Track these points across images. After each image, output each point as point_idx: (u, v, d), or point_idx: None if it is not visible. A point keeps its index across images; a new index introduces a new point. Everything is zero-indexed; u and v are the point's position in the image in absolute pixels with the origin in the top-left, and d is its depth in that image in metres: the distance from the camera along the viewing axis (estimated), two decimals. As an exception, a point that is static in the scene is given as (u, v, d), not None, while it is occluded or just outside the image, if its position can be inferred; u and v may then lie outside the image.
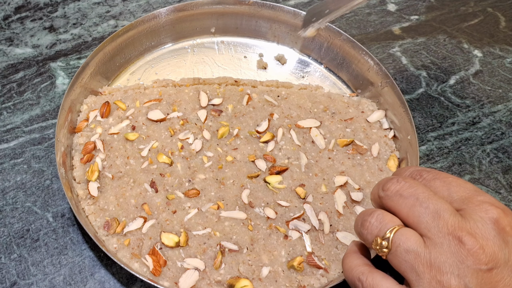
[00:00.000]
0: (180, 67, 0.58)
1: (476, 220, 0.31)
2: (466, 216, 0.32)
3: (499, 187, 0.51)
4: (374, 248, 0.33)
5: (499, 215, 0.32)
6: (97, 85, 0.53)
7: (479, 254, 0.30)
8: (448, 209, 0.32)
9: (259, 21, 0.59)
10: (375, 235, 0.33)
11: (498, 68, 0.60)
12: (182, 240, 0.43)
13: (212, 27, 0.59)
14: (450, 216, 0.32)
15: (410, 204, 0.33)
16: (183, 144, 0.49)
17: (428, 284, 0.30)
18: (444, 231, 0.31)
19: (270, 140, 0.49)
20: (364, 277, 0.33)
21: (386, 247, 0.32)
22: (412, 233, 0.32)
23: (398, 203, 0.33)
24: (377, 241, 0.33)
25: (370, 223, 0.34)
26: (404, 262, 0.31)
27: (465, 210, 0.32)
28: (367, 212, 0.35)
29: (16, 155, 0.51)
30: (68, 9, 0.64)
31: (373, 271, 0.34)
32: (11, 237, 0.46)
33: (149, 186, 0.46)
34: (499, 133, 0.54)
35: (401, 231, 0.32)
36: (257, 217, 0.45)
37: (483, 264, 0.30)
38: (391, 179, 0.35)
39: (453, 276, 0.30)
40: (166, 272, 0.41)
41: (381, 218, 0.34)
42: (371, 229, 0.34)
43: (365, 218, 0.35)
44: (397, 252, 0.32)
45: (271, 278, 0.42)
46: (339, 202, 0.46)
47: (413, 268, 0.31)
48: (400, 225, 0.33)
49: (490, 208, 0.32)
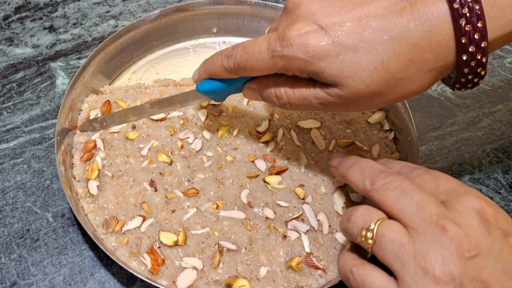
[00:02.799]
0: (182, 67, 0.58)
1: (459, 210, 0.32)
2: (450, 207, 0.33)
3: (499, 187, 0.51)
4: (360, 241, 0.34)
5: (482, 206, 0.32)
6: (98, 84, 0.54)
7: (462, 241, 0.31)
8: (432, 201, 0.33)
9: (261, 21, 0.59)
10: (360, 227, 0.34)
11: (498, 68, 0.60)
12: (180, 239, 0.43)
13: (213, 27, 0.59)
14: (434, 206, 0.32)
15: (396, 196, 0.34)
16: (183, 143, 0.49)
17: (413, 272, 0.31)
18: (427, 221, 0.32)
19: (270, 141, 0.49)
20: (355, 269, 0.34)
21: (371, 238, 0.33)
22: (397, 224, 0.33)
23: (384, 195, 0.34)
24: (362, 233, 0.34)
25: (356, 217, 0.35)
26: (389, 252, 0.32)
27: (449, 201, 0.33)
28: (352, 208, 0.36)
29: (16, 155, 0.51)
30: (68, 9, 0.64)
31: (364, 263, 0.34)
32: (11, 237, 0.46)
33: (148, 185, 0.46)
34: (499, 133, 0.54)
35: (386, 222, 0.33)
36: (256, 217, 0.45)
37: (466, 251, 0.31)
38: (380, 173, 0.36)
39: (437, 263, 0.30)
40: (164, 271, 0.42)
41: (366, 211, 0.35)
42: (356, 223, 0.35)
43: (350, 213, 0.36)
44: (381, 242, 0.32)
45: (269, 278, 0.42)
46: (338, 203, 0.46)
47: (397, 258, 0.32)
48: (384, 218, 0.34)
49: (474, 199, 0.33)
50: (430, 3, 0.32)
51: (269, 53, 0.36)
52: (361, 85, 0.34)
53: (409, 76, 0.34)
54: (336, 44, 0.34)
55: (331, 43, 0.34)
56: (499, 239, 0.32)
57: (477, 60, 0.33)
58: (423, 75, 0.34)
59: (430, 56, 0.33)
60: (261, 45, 0.37)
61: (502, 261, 0.31)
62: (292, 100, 0.39)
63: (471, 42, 0.32)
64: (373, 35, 0.33)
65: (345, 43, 0.33)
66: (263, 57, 0.37)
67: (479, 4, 0.32)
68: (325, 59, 0.34)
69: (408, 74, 0.34)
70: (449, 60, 0.34)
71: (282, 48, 0.35)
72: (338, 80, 0.34)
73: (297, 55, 0.35)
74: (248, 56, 0.38)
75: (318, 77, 0.36)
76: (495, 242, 0.32)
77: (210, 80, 0.43)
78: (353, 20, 0.33)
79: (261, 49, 0.37)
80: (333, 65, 0.34)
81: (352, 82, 0.34)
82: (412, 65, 0.34)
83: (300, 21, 0.35)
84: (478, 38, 0.32)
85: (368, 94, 0.35)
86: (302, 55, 0.35)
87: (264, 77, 0.40)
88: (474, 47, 0.32)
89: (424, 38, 0.33)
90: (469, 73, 0.34)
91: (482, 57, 0.33)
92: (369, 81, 0.34)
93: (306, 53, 0.34)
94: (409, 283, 0.31)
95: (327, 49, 0.34)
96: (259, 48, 0.37)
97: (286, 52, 0.35)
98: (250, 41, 0.38)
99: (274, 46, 0.36)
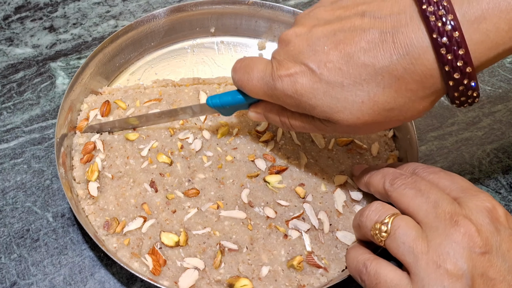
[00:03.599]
0: (180, 67, 0.58)
1: (471, 208, 0.33)
2: (463, 204, 0.34)
3: (499, 187, 0.51)
4: (373, 233, 0.35)
5: (493, 206, 0.34)
6: (97, 86, 0.53)
7: (474, 237, 0.32)
8: (447, 199, 0.34)
9: (259, 21, 0.59)
10: (374, 221, 0.35)
11: (498, 68, 0.60)
12: (181, 239, 0.43)
13: (211, 27, 0.59)
14: (448, 204, 0.33)
15: (412, 195, 0.35)
16: (183, 143, 0.49)
17: (426, 265, 0.32)
18: (441, 217, 0.33)
19: (269, 140, 0.49)
20: (368, 262, 0.35)
21: (385, 232, 0.34)
22: (410, 219, 0.34)
23: (402, 193, 0.36)
24: (376, 226, 0.35)
25: (370, 210, 0.36)
26: (402, 245, 0.33)
27: (462, 199, 0.34)
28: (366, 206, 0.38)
29: (16, 155, 0.51)
30: (68, 9, 0.64)
31: (377, 257, 0.35)
32: (11, 237, 0.46)
33: (148, 186, 0.46)
34: (499, 133, 0.55)
35: (400, 217, 0.35)
36: (256, 216, 0.45)
37: (477, 247, 0.31)
38: (400, 175, 0.37)
39: (449, 257, 0.31)
40: (165, 272, 0.41)
41: (381, 207, 0.36)
42: (370, 216, 0.36)
43: (364, 208, 0.37)
44: (395, 235, 0.33)
45: (270, 278, 0.42)
46: (339, 202, 0.46)
47: (411, 251, 0.32)
48: (398, 213, 0.35)
49: (486, 199, 0.34)
50: (410, 34, 0.32)
51: (264, 83, 0.38)
52: (352, 118, 0.35)
53: (400, 106, 0.34)
54: (322, 82, 0.34)
55: (318, 81, 0.35)
56: (507, 239, 0.33)
57: (465, 85, 0.33)
58: (415, 103, 0.34)
59: (416, 86, 0.33)
60: (259, 72, 0.38)
61: (509, 260, 0.32)
62: (295, 128, 0.40)
63: (455, 69, 0.32)
64: (356, 70, 0.34)
65: (331, 81, 0.34)
66: (260, 85, 0.38)
67: (458, 31, 0.31)
68: (313, 98, 0.35)
69: (398, 104, 0.34)
70: (437, 87, 0.33)
71: (274, 82, 0.37)
72: (330, 116, 0.35)
73: (287, 92, 0.36)
74: (248, 78, 0.39)
75: (311, 113, 0.37)
76: (503, 242, 0.32)
77: (221, 94, 0.44)
78: (338, 57, 0.34)
79: (259, 76, 0.38)
80: (321, 102, 0.35)
81: (343, 116, 0.35)
82: (400, 97, 0.34)
83: (289, 60, 0.36)
84: (461, 65, 0.32)
85: (363, 125, 0.35)
86: (291, 93, 0.36)
87: (269, 103, 0.41)
88: (459, 74, 0.32)
89: (407, 71, 0.33)
90: (461, 96, 0.34)
91: (470, 81, 0.32)
92: (359, 114, 0.35)
93: (295, 91, 0.36)
94: (421, 276, 0.32)
95: (314, 88, 0.35)
96: (257, 74, 0.38)
97: (278, 87, 0.37)
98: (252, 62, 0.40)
99: (268, 79, 0.37)
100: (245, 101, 0.43)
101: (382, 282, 0.33)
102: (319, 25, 0.36)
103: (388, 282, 0.33)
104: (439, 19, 0.31)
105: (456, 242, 0.31)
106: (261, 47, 0.59)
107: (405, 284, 0.32)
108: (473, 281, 0.31)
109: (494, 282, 0.31)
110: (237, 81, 0.41)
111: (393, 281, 0.33)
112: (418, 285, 0.32)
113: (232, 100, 0.43)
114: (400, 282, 0.33)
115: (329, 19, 0.36)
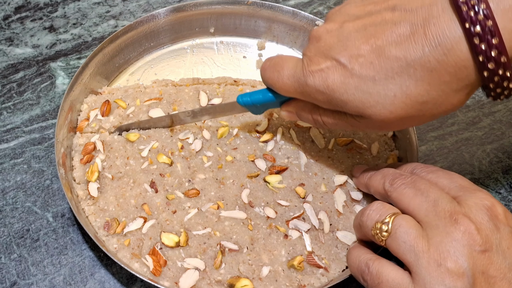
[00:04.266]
0: (180, 68, 0.58)
1: (471, 206, 0.33)
2: (462, 202, 0.34)
3: (499, 187, 0.51)
4: (374, 233, 0.35)
5: (492, 204, 0.34)
6: (97, 86, 0.53)
7: (473, 235, 0.32)
8: (446, 197, 0.34)
9: (258, 20, 0.59)
10: (375, 220, 0.36)
11: (498, 68, 0.60)
12: (182, 240, 0.43)
13: (211, 27, 0.59)
14: (447, 203, 0.34)
15: (412, 194, 0.35)
16: (183, 144, 0.49)
17: (427, 264, 0.32)
18: (441, 216, 0.33)
19: (269, 140, 0.49)
20: (371, 262, 0.35)
21: (386, 231, 0.34)
22: (411, 218, 0.35)
23: (401, 193, 0.36)
24: (377, 226, 0.35)
25: (371, 210, 0.37)
26: (403, 244, 0.33)
27: (461, 197, 0.35)
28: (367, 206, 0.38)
29: (16, 155, 0.51)
30: (68, 9, 0.64)
31: (379, 257, 0.36)
32: (11, 237, 0.46)
33: (149, 186, 0.46)
34: (499, 133, 0.55)
35: (400, 216, 0.35)
36: (257, 216, 0.45)
37: (477, 245, 0.32)
38: (400, 176, 0.38)
39: (450, 255, 0.31)
40: (166, 272, 0.41)
41: (381, 206, 0.37)
42: (371, 216, 0.36)
43: (365, 208, 0.38)
44: (396, 234, 0.34)
45: (271, 278, 0.42)
46: (339, 201, 0.46)
47: (411, 249, 0.33)
48: (399, 213, 0.35)
49: (485, 197, 0.34)
50: (442, 24, 0.32)
51: (295, 80, 0.38)
52: (385, 112, 0.34)
53: (434, 99, 0.34)
54: (354, 77, 0.34)
55: (349, 76, 0.34)
56: (506, 236, 0.33)
57: (500, 76, 0.32)
58: (449, 96, 0.34)
59: (449, 79, 0.33)
60: (289, 69, 0.38)
61: (510, 258, 0.32)
62: (328, 125, 0.40)
63: (489, 59, 0.31)
64: (388, 64, 0.33)
65: (362, 75, 0.34)
66: (291, 82, 0.38)
67: (492, 19, 0.30)
68: (345, 93, 0.35)
69: (432, 98, 0.34)
70: (471, 79, 0.33)
71: (305, 78, 0.37)
72: (362, 111, 0.35)
73: (319, 88, 0.36)
74: (278, 77, 0.39)
75: (343, 109, 0.37)
76: (503, 239, 0.32)
77: (251, 93, 0.44)
78: (369, 51, 0.34)
79: (289, 74, 0.38)
80: (353, 97, 0.35)
81: (375, 111, 0.35)
82: (433, 90, 0.33)
83: (320, 56, 0.36)
84: (495, 55, 0.31)
85: (396, 119, 0.35)
86: (323, 89, 0.36)
87: (301, 101, 0.41)
88: (493, 63, 0.31)
89: (440, 62, 0.32)
90: (496, 87, 0.33)
91: (505, 71, 0.32)
92: (392, 108, 0.34)
93: (326, 87, 0.35)
94: (423, 274, 0.32)
95: (346, 83, 0.35)
96: (287, 72, 0.38)
97: (310, 82, 0.36)
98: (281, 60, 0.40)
99: (299, 76, 0.37)
100: (276, 100, 0.43)
101: (384, 282, 0.34)
102: (349, 21, 0.36)
103: (390, 282, 0.33)
104: (471, 8, 0.30)
105: (456, 240, 0.32)
106: (260, 47, 0.59)
107: (407, 283, 0.33)
108: (474, 279, 0.31)
109: (494, 280, 0.31)
110: (267, 80, 0.41)
111: (395, 280, 0.33)
112: (419, 283, 0.32)
113: (262, 99, 0.43)
114: (402, 281, 0.33)
115: (360, 15, 0.36)
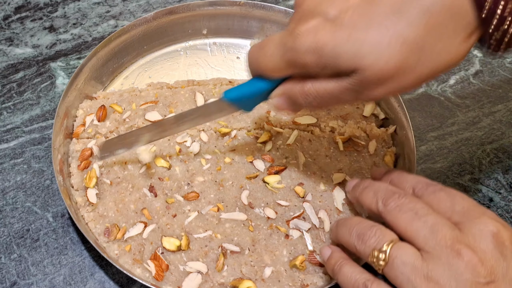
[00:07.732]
0: (174, 70, 0.57)
1: (474, 234, 0.32)
2: (465, 230, 0.32)
3: (499, 187, 0.51)
4: (371, 261, 0.34)
5: (498, 229, 0.32)
6: (92, 91, 0.53)
7: (477, 267, 0.30)
8: (447, 224, 0.32)
9: (251, 21, 0.58)
10: (372, 248, 0.34)
11: (498, 68, 0.60)
12: (183, 243, 0.43)
13: (204, 28, 0.59)
14: (448, 229, 0.32)
15: (409, 218, 0.33)
16: (181, 147, 0.48)
17: None
18: (442, 245, 0.31)
19: (267, 140, 0.49)
20: (369, 283, 0.33)
21: (383, 260, 0.33)
22: (410, 247, 0.33)
23: (397, 217, 0.34)
24: (374, 254, 0.33)
25: (369, 236, 0.34)
26: (401, 275, 0.32)
27: (464, 224, 0.33)
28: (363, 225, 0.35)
29: (16, 155, 0.51)
30: (68, 9, 0.64)
31: (377, 279, 0.34)
32: (11, 237, 0.46)
33: (148, 191, 0.46)
34: (499, 133, 0.55)
35: (399, 245, 0.33)
36: (257, 217, 0.45)
37: (481, 277, 0.30)
38: (393, 194, 0.35)
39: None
40: (169, 277, 0.41)
41: (379, 232, 0.34)
42: (369, 243, 0.34)
43: (362, 231, 0.35)
44: (393, 264, 0.32)
45: (274, 278, 0.42)
46: (338, 200, 0.46)
47: (409, 281, 0.31)
48: (397, 239, 0.33)
49: (490, 222, 0.32)
50: None
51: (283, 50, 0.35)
52: (379, 62, 0.31)
53: (430, 45, 0.31)
54: (344, 28, 0.32)
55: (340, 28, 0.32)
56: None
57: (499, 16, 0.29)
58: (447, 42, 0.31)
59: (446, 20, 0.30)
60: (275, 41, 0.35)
61: None
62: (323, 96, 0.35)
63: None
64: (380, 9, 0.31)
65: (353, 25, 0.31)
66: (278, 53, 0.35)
67: None
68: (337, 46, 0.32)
69: (429, 43, 0.31)
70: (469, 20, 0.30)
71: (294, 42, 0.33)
72: (355, 63, 0.32)
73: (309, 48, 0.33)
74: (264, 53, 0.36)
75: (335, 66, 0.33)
76: (510, 268, 0.31)
77: (237, 86, 0.40)
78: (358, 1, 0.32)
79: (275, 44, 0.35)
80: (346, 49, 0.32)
81: (370, 62, 0.31)
82: (430, 33, 0.31)
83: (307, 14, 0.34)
84: None
85: (392, 71, 0.31)
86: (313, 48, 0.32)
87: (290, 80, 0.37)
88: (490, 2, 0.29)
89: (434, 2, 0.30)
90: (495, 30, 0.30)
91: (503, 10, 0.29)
92: (387, 56, 0.31)
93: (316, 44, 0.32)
94: None
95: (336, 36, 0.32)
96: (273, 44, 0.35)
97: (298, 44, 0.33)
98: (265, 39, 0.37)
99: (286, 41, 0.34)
100: (264, 87, 0.38)
101: None
102: None
103: None
104: None
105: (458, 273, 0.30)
106: None
107: None
108: None
109: None
110: (252, 62, 0.37)
111: None
112: None
113: (250, 88, 0.39)
114: None
115: None
